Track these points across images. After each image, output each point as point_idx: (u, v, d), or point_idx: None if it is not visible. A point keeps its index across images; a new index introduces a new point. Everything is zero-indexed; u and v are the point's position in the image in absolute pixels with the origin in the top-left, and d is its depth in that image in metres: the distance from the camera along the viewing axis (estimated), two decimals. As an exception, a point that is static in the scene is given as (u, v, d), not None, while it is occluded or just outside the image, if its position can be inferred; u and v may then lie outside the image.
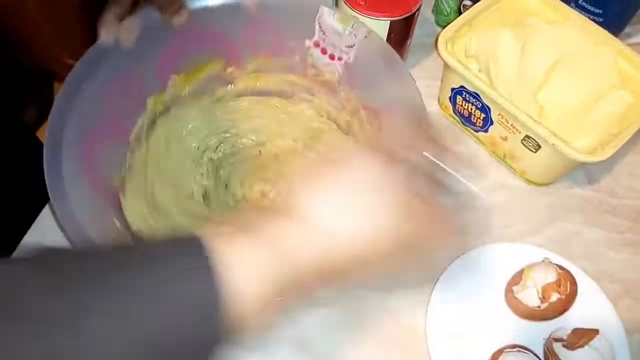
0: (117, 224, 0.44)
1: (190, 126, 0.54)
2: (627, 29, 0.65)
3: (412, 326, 0.48)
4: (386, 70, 0.48)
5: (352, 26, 0.49)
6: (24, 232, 0.51)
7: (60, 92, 0.43)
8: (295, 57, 0.53)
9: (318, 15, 0.49)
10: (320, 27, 0.50)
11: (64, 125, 0.42)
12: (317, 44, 0.51)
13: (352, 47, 0.49)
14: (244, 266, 0.26)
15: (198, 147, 0.54)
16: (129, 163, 0.49)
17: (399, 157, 0.31)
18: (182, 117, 0.53)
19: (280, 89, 0.55)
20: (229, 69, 0.54)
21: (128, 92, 0.48)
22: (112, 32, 0.44)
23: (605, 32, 0.55)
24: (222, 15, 0.49)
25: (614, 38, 0.55)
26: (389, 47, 0.49)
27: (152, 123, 0.51)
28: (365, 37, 0.48)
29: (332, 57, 0.51)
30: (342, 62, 0.51)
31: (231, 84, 0.55)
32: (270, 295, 0.26)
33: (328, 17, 0.49)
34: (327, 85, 0.53)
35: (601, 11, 0.61)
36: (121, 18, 0.44)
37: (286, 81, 0.55)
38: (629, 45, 0.58)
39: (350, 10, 0.53)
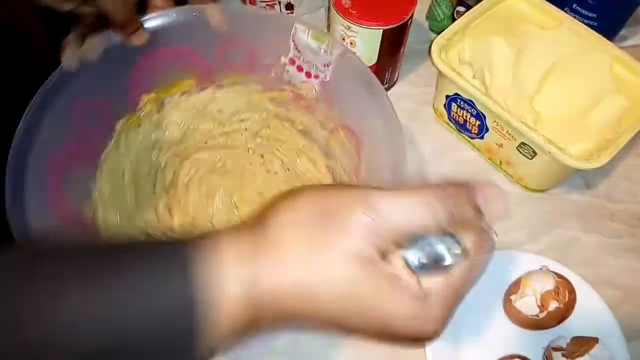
0: None
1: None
2: (623, 32, 0.64)
3: (410, 337, 0.48)
4: (364, 91, 0.46)
5: (327, 44, 0.47)
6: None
7: (22, 122, 0.41)
8: (271, 74, 0.51)
9: (292, 32, 0.48)
10: (294, 44, 0.49)
11: (27, 155, 0.40)
12: (292, 61, 0.50)
13: (328, 65, 0.48)
14: (230, 285, 0.25)
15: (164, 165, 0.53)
16: (99, 191, 0.47)
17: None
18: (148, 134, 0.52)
19: (258, 104, 0.54)
20: (202, 85, 0.52)
21: (95, 116, 0.46)
22: (74, 54, 0.43)
23: (600, 36, 0.55)
24: (190, 33, 0.48)
25: (609, 42, 0.55)
26: (366, 67, 0.47)
27: (124, 143, 0.50)
28: (341, 55, 0.47)
29: (308, 74, 0.50)
30: (319, 80, 0.50)
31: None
32: (243, 322, 0.26)
33: (302, 34, 0.48)
34: (305, 102, 0.52)
35: (595, 15, 0.60)
36: (84, 39, 0.43)
37: (263, 96, 0.54)
38: (625, 47, 0.58)
39: (342, 19, 0.53)
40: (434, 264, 0.29)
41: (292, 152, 0.55)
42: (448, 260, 0.29)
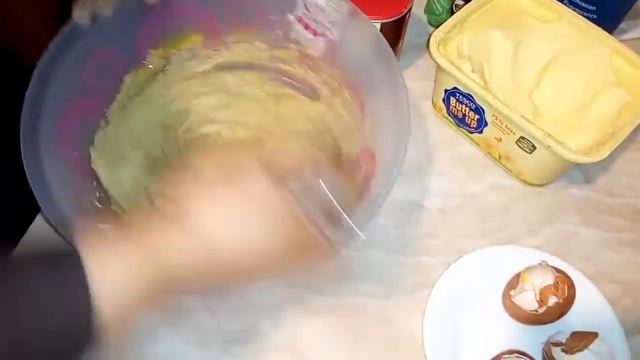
0: (97, 203, 0.45)
1: (163, 104, 0.54)
2: (622, 25, 0.64)
3: (409, 333, 0.48)
4: (371, 50, 0.47)
5: (336, 1, 0.47)
6: (22, 233, 0.51)
7: (36, 71, 0.42)
8: (277, 31, 0.52)
9: None
10: (303, 1, 0.49)
11: (40, 104, 0.42)
12: (299, 19, 0.50)
13: (335, 23, 0.48)
14: (114, 270, 0.28)
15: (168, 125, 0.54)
16: (105, 138, 0.49)
17: (291, 179, 0.34)
18: (158, 96, 0.53)
19: (263, 63, 0.55)
20: (208, 42, 0.53)
21: (105, 69, 0.47)
22: (86, 9, 0.43)
23: (600, 29, 0.54)
24: None
25: (609, 35, 0.54)
26: (373, 26, 0.48)
27: (129, 100, 0.51)
28: (349, 13, 0.47)
29: (315, 32, 0.50)
30: (326, 38, 0.50)
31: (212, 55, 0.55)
32: (137, 299, 0.29)
33: None
34: (311, 61, 0.53)
35: (595, 8, 0.60)
36: None
37: (269, 56, 0.54)
38: (624, 40, 0.58)
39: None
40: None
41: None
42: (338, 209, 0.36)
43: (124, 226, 0.32)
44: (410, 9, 0.54)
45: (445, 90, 0.55)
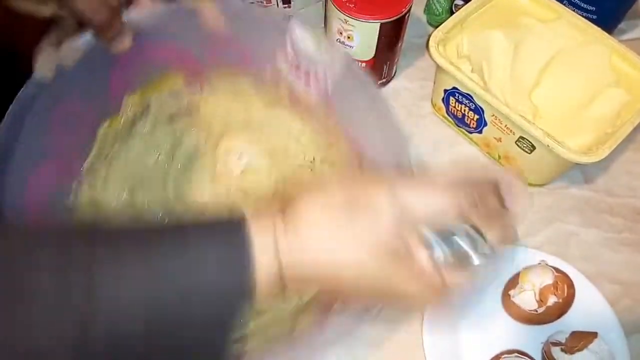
0: None
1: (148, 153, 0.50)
2: (622, 25, 0.64)
3: (409, 333, 0.47)
4: (367, 104, 0.43)
5: (329, 54, 0.44)
6: None
7: None
8: (265, 74, 0.48)
9: (288, 33, 0.44)
10: (293, 48, 0.44)
11: (3, 173, 0.38)
12: (291, 66, 0.46)
13: (329, 75, 0.44)
14: (271, 249, 0.27)
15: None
16: (79, 201, 0.45)
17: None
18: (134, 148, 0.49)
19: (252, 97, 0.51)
20: (190, 80, 0.49)
21: (74, 123, 0.43)
22: (49, 61, 0.40)
23: (599, 29, 0.54)
24: (178, 29, 0.44)
25: (608, 35, 0.54)
26: (370, 79, 0.44)
27: (105, 154, 0.47)
28: (345, 65, 0.44)
29: (307, 82, 0.46)
30: (319, 90, 0.46)
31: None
32: (278, 283, 0.28)
33: (302, 39, 0.44)
34: (303, 107, 0.49)
35: (594, 8, 0.60)
36: (60, 44, 0.40)
37: (256, 92, 0.50)
38: (624, 41, 0.58)
39: (339, 13, 0.53)
40: (460, 262, 0.29)
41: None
42: (475, 261, 0.29)
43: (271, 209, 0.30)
44: (410, 9, 0.54)
45: (445, 90, 0.55)
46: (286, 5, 0.61)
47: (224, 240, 0.27)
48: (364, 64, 0.57)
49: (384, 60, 0.58)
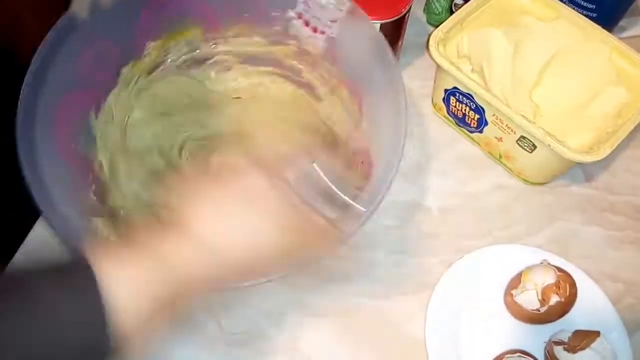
0: (93, 197, 0.44)
1: (162, 103, 0.53)
2: (622, 23, 0.64)
3: (411, 333, 0.48)
4: (369, 49, 0.47)
5: (336, 2, 0.47)
6: (22, 240, 0.51)
7: (33, 62, 0.41)
8: (277, 27, 0.52)
9: None
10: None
11: (36, 95, 0.41)
12: (299, 16, 0.50)
13: (335, 21, 0.48)
14: (126, 282, 0.27)
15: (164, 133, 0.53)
16: (101, 133, 0.48)
17: (286, 166, 0.34)
18: (157, 92, 0.53)
19: (262, 57, 0.55)
20: (207, 35, 0.53)
21: (102, 60, 0.47)
22: (85, 1, 0.43)
23: (599, 27, 0.54)
24: None
25: (608, 34, 0.54)
26: (372, 26, 0.48)
27: (128, 92, 0.51)
28: (350, 11, 0.47)
29: (314, 29, 0.50)
30: (325, 35, 0.50)
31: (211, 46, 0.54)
32: (152, 310, 0.28)
33: None
34: (310, 57, 0.52)
35: (594, 6, 0.60)
36: None
37: (267, 51, 0.54)
38: (624, 38, 0.58)
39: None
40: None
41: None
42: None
43: (128, 234, 0.31)
44: (410, 8, 0.54)
45: (445, 90, 0.55)
46: None
47: (74, 298, 0.26)
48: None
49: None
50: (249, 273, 0.33)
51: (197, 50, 0.54)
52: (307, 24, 0.50)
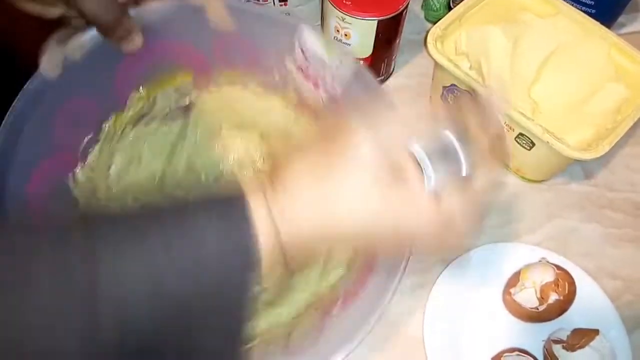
0: None
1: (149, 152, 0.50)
2: (621, 19, 0.64)
3: (410, 331, 0.47)
4: (375, 109, 0.41)
5: (339, 59, 0.43)
6: None
7: (1, 130, 0.38)
8: (274, 77, 0.48)
9: (297, 36, 0.44)
10: (302, 51, 0.44)
11: (6, 169, 0.38)
12: (299, 69, 0.46)
13: (338, 79, 0.44)
14: (269, 219, 0.27)
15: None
16: (81, 193, 0.45)
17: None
18: (142, 140, 0.50)
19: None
20: (198, 81, 0.49)
21: (80, 119, 0.43)
22: (55, 58, 0.40)
23: (598, 24, 0.54)
24: (186, 26, 0.44)
25: (607, 30, 0.54)
26: (379, 85, 0.44)
27: (112, 146, 0.48)
28: (355, 72, 0.43)
29: (316, 84, 0.46)
30: (327, 93, 0.46)
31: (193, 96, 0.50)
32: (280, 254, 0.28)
33: (311, 43, 0.44)
34: (310, 111, 0.48)
35: (593, 2, 0.59)
36: (67, 41, 0.40)
37: (266, 96, 0.50)
38: (623, 35, 0.58)
39: (336, 10, 0.52)
40: (452, 176, 0.30)
41: None
42: (464, 168, 0.30)
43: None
44: (407, 5, 0.53)
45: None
46: (282, 3, 0.61)
47: (223, 213, 0.27)
48: (361, 62, 0.57)
49: (382, 57, 0.58)
50: (361, 239, 0.31)
51: (188, 96, 0.50)
52: (307, 77, 0.46)
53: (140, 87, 0.47)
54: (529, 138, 0.50)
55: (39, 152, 0.40)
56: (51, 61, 0.39)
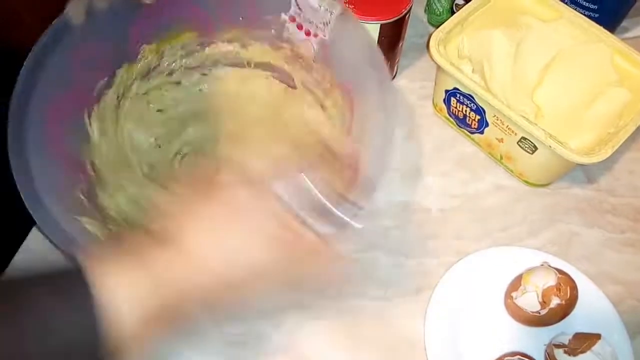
0: (85, 200, 0.44)
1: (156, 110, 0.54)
2: (624, 23, 0.64)
3: (411, 335, 0.47)
4: (361, 51, 0.47)
5: (327, 2, 0.48)
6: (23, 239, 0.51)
7: (26, 62, 0.42)
8: (270, 30, 0.52)
9: None
10: (296, 1, 0.49)
11: (29, 96, 0.41)
12: (293, 19, 0.50)
13: (327, 24, 0.49)
14: (120, 289, 0.27)
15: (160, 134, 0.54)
16: (94, 134, 0.48)
17: (276, 178, 0.33)
18: (151, 99, 0.54)
19: (257, 60, 0.55)
20: (202, 39, 0.53)
21: (96, 62, 0.47)
22: (81, 4, 0.43)
23: (601, 28, 0.54)
24: None
25: (610, 34, 0.54)
26: (363, 28, 0.48)
27: (123, 94, 0.51)
28: (341, 14, 0.48)
29: (307, 33, 0.50)
30: (318, 38, 0.50)
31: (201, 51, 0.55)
32: (146, 320, 0.28)
33: None
34: (303, 61, 0.53)
35: (596, 7, 0.59)
36: None
37: (262, 52, 0.55)
38: (627, 39, 0.58)
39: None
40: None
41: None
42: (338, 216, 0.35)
43: (121, 242, 0.31)
44: (410, 9, 0.54)
45: (446, 91, 0.55)
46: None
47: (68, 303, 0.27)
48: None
49: (385, 60, 0.58)
50: (232, 288, 0.32)
51: (193, 54, 0.54)
52: (300, 27, 0.51)
53: (151, 41, 0.51)
54: (532, 142, 0.50)
55: (58, 85, 0.44)
56: (78, 7, 0.43)
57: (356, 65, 0.48)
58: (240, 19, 0.52)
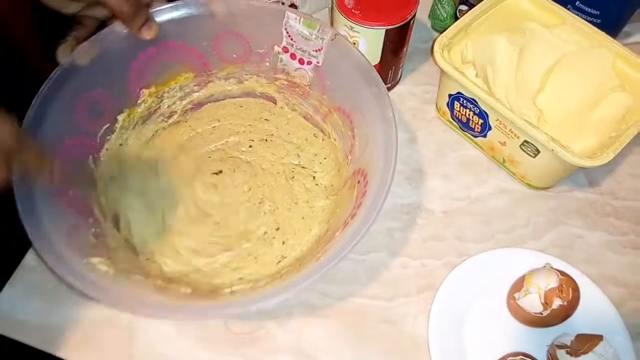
0: (94, 239, 0.45)
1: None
2: (626, 28, 0.64)
3: (414, 335, 0.48)
4: (354, 71, 0.48)
5: (318, 30, 0.49)
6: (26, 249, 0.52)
7: (31, 108, 0.43)
8: (265, 63, 0.54)
9: (284, 20, 0.50)
10: (287, 32, 0.51)
11: (35, 140, 0.42)
12: (286, 50, 0.52)
13: (320, 50, 0.50)
14: None
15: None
16: (100, 178, 0.50)
17: None
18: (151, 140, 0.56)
19: (253, 93, 0.58)
20: (200, 79, 0.56)
21: (99, 108, 0.49)
22: (87, 53, 0.45)
23: (603, 33, 0.55)
24: (187, 28, 0.50)
25: (612, 39, 0.55)
26: (355, 49, 0.49)
27: (125, 139, 0.53)
28: (332, 39, 0.49)
29: (301, 61, 0.52)
30: (312, 65, 0.52)
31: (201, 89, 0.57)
32: None
33: (294, 22, 0.50)
34: (300, 89, 0.55)
35: (599, 12, 0.60)
36: (81, 41, 0.45)
37: (258, 85, 0.57)
38: (629, 44, 0.58)
39: (345, 20, 0.53)
40: None
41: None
42: None
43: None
44: (415, 15, 0.54)
45: (450, 95, 0.56)
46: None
47: None
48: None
49: (390, 65, 0.59)
50: None
51: (191, 94, 0.56)
52: (293, 56, 0.52)
53: (150, 85, 0.53)
54: (534, 145, 0.50)
55: (63, 133, 0.45)
56: (84, 50, 0.46)
57: (352, 85, 0.49)
58: (234, 55, 0.54)
